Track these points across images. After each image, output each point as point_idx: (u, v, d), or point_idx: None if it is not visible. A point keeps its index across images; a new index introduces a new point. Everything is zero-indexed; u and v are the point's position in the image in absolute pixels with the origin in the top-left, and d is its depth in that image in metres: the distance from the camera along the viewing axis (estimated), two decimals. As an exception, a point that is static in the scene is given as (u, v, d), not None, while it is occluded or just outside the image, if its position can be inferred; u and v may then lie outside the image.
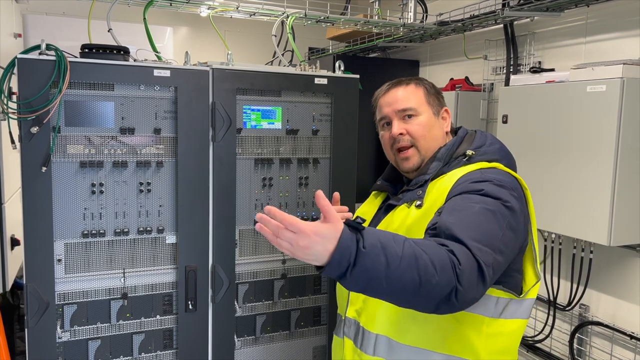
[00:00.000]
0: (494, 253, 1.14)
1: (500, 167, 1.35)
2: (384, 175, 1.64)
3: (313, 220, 2.26)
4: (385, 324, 1.35)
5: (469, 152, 1.38)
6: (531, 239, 1.34)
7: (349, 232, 1.02)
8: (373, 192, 1.68)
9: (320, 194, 1.04)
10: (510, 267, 1.28)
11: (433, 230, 1.20)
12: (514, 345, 1.36)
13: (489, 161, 1.37)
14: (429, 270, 1.03)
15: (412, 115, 1.45)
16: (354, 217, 1.58)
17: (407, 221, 1.34)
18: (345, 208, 1.56)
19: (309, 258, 1.02)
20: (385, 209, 1.51)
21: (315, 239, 1.00)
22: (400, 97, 1.47)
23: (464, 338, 1.27)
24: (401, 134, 1.45)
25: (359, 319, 1.44)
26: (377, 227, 1.44)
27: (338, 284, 1.54)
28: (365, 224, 1.51)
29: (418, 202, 1.35)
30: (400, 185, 1.57)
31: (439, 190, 1.33)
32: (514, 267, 1.31)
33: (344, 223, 1.04)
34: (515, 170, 1.42)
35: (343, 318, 1.52)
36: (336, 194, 1.55)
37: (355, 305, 1.47)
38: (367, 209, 1.63)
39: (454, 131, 1.52)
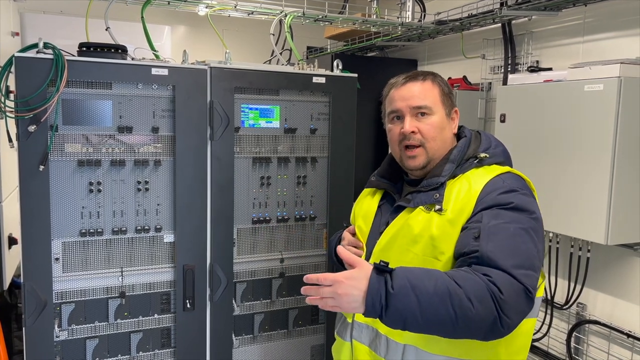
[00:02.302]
0: (535, 273, 1.18)
1: (514, 171, 1.36)
2: (380, 171, 1.58)
3: (311, 218, 2.27)
4: (413, 334, 1.28)
5: (482, 155, 1.37)
6: None
7: (376, 275, 1.10)
8: (368, 190, 1.61)
9: (340, 249, 1.19)
10: None
11: (473, 259, 1.19)
12: (527, 344, 1.37)
13: (499, 164, 1.38)
14: (464, 304, 1.07)
15: (425, 114, 1.40)
16: (355, 223, 1.57)
17: (432, 230, 1.30)
18: (360, 244, 1.52)
19: (353, 305, 1.10)
20: (394, 210, 1.45)
21: (349, 282, 1.09)
22: (417, 93, 1.41)
23: (487, 343, 1.23)
24: (413, 132, 1.40)
25: (376, 326, 1.39)
26: (387, 230, 1.41)
27: None
28: (368, 225, 1.50)
29: (437, 207, 1.31)
30: (400, 183, 1.53)
31: (459, 197, 1.31)
32: None
33: (373, 265, 1.11)
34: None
35: (350, 321, 1.47)
36: (351, 228, 1.60)
37: None
38: (368, 208, 1.55)
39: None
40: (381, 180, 1.55)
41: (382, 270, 1.10)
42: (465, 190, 1.31)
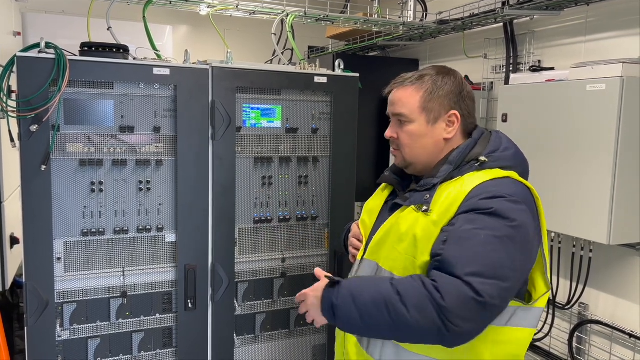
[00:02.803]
0: (502, 282, 1.15)
1: (515, 177, 1.31)
2: (392, 166, 1.58)
3: (313, 218, 2.27)
4: None
5: (482, 158, 1.33)
6: (542, 249, 1.31)
7: (328, 288, 1.26)
8: (383, 185, 1.61)
9: (316, 270, 1.35)
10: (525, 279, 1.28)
11: (436, 262, 1.21)
12: (520, 353, 1.33)
13: (503, 168, 1.32)
14: (400, 311, 1.14)
15: (403, 122, 1.42)
16: (362, 214, 1.59)
17: (416, 230, 1.30)
18: (362, 238, 1.56)
19: (320, 315, 1.27)
20: (391, 207, 1.46)
21: (313, 294, 1.29)
22: (395, 100, 1.43)
23: (469, 346, 1.23)
24: (392, 137, 1.45)
25: None
26: (382, 227, 1.42)
27: None
28: (372, 220, 1.52)
29: (425, 207, 1.31)
30: (408, 180, 1.52)
31: (448, 198, 1.30)
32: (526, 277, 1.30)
33: (327, 278, 1.27)
34: (528, 176, 1.38)
35: None
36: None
37: None
38: (375, 203, 1.57)
39: (469, 132, 1.45)
40: (392, 175, 1.55)
41: (333, 283, 1.25)
42: (455, 192, 1.30)
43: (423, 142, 1.41)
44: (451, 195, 1.30)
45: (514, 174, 1.32)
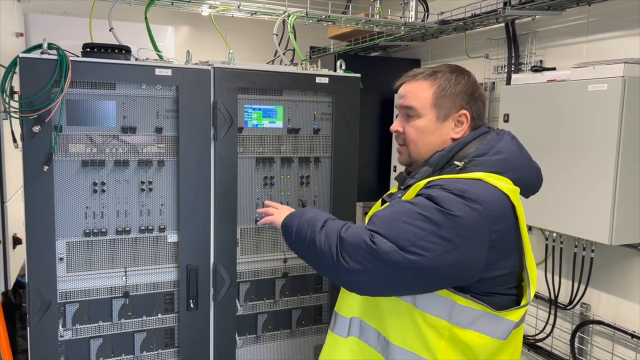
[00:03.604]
0: (400, 250, 1.15)
1: (488, 181, 1.22)
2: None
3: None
4: (357, 307, 1.40)
5: (459, 163, 1.29)
6: (524, 263, 1.26)
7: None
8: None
9: (267, 203, 1.70)
10: (486, 289, 1.23)
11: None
12: (478, 357, 1.26)
13: (487, 172, 1.25)
14: (316, 229, 1.30)
15: (411, 116, 1.38)
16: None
17: None
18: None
19: (280, 218, 1.50)
20: (382, 204, 1.48)
21: (285, 207, 1.59)
22: (408, 93, 1.40)
23: (423, 337, 1.25)
24: (397, 131, 1.42)
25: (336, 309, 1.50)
26: None
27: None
28: None
29: None
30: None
31: (410, 193, 1.30)
32: (494, 289, 1.24)
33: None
34: (528, 183, 1.34)
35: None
36: None
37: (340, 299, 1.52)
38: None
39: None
40: (403, 173, 1.54)
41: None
42: (415, 188, 1.30)
43: (430, 138, 1.38)
44: (412, 190, 1.31)
45: (491, 177, 1.24)
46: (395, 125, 1.43)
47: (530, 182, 1.36)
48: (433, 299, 1.24)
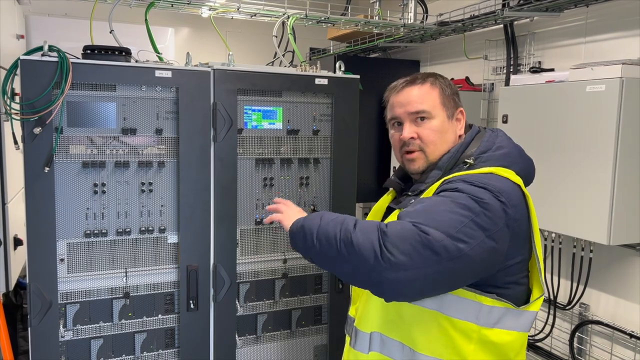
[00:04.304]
0: (449, 238, 1.12)
1: (499, 173, 1.27)
2: (397, 171, 1.58)
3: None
4: (377, 321, 1.36)
5: (469, 161, 1.31)
6: (534, 250, 1.29)
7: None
8: (389, 189, 1.60)
9: (277, 200, 1.52)
10: (505, 279, 1.25)
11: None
12: (510, 356, 1.30)
13: (495, 167, 1.29)
14: (349, 228, 1.18)
15: (425, 118, 1.38)
16: (368, 216, 1.60)
17: None
18: None
19: (289, 221, 1.38)
20: (386, 211, 1.48)
21: (296, 208, 1.47)
22: (414, 98, 1.39)
23: (452, 343, 1.25)
24: (412, 137, 1.39)
25: (355, 317, 1.45)
26: None
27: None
28: None
29: None
30: (410, 184, 1.51)
31: (427, 194, 1.31)
32: (509, 279, 1.26)
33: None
34: (529, 175, 1.37)
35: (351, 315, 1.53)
36: None
37: (355, 304, 1.48)
38: (379, 206, 1.56)
39: (466, 131, 1.45)
40: (395, 179, 1.55)
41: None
42: (432, 189, 1.31)
43: (446, 137, 1.39)
44: (428, 191, 1.32)
45: (499, 170, 1.28)
46: (409, 132, 1.39)
47: (530, 173, 1.39)
48: (460, 303, 1.24)
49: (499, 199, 1.19)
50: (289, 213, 1.42)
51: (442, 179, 1.31)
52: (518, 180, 1.28)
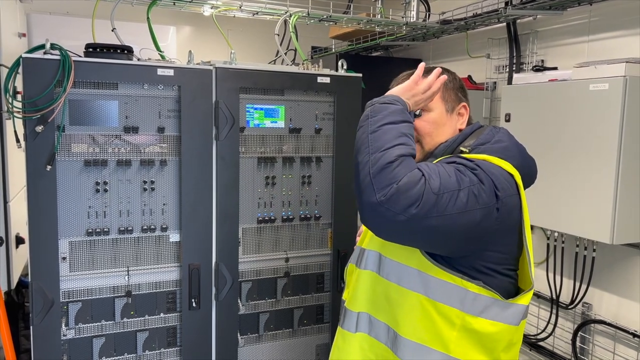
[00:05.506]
0: (440, 182, 1.14)
1: (492, 160, 1.27)
2: None
3: (316, 218, 2.27)
4: (365, 302, 1.38)
5: (464, 149, 1.33)
6: (525, 243, 1.28)
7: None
8: None
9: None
10: (492, 268, 1.24)
11: None
12: (494, 347, 1.28)
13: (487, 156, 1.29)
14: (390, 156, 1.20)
15: (422, 110, 1.41)
16: None
17: None
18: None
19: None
20: None
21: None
22: None
23: (435, 327, 1.25)
24: None
25: (346, 298, 1.47)
26: None
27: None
28: None
29: None
30: None
31: None
32: (491, 265, 1.25)
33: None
34: (528, 172, 1.36)
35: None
36: None
37: (348, 287, 1.49)
38: None
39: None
40: None
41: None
42: None
43: (443, 130, 1.41)
44: None
45: (495, 159, 1.28)
46: None
47: (530, 173, 1.38)
48: (445, 287, 1.24)
49: (490, 179, 1.21)
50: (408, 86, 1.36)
51: (438, 159, 1.32)
52: (513, 170, 1.27)
